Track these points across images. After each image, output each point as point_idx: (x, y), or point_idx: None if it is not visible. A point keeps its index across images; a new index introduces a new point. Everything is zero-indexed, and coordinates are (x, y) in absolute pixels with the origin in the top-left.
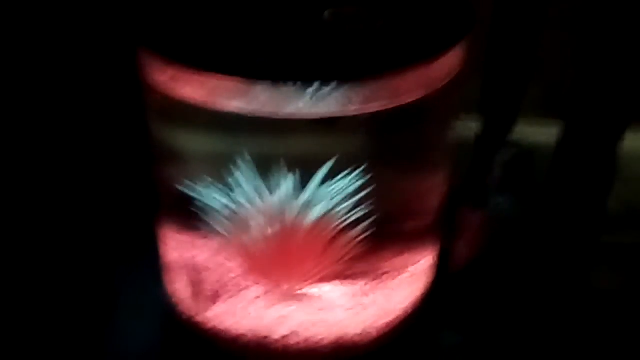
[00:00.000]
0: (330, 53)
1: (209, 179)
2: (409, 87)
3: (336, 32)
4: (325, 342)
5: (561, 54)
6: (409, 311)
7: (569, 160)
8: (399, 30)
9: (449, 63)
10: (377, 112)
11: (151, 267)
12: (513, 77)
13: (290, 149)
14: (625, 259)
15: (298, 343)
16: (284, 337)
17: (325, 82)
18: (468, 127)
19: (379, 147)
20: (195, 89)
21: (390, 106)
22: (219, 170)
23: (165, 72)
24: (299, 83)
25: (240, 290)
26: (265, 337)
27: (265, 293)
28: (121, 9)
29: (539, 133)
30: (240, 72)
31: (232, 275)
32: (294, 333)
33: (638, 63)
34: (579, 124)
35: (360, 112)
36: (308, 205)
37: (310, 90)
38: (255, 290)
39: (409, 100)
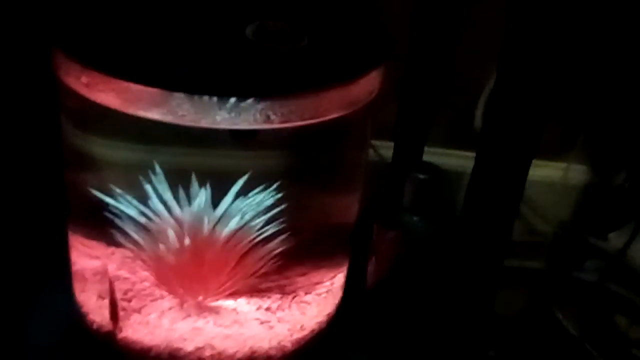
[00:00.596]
0: (251, 68)
1: (122, 188)
2: (327, 107)
3: (258, 47)
4: (239, 355)
5: (471, 84)
6: (322, 327)
7: (480, 188)
8: (320, 50)
9: (366, 86)
10: (294, 129)
11: (60, 275)
12: (425, 104)
13: (206, 161)
14: (531, 283)
15: (212, 356)
16: (197, 349)
17: (243, 96)
18: (382, 150)
19: (294, 165)
20: (112, 95)
21: (307, 124)
22: (133, 179)
23: (81, 75)
24: (216, 96)
25: (153, 301)
26: (178, 350)
27: (178, 305)
28: (41, 7)
29: (450, 158)
30: (159, 82)
31: (145, 285)
32: (207, 346)
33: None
34: (490, 153)
35: (278, 128)
36: (222, 218)
37: (229, 104)
38: (168, 301)
39: (326, 118)
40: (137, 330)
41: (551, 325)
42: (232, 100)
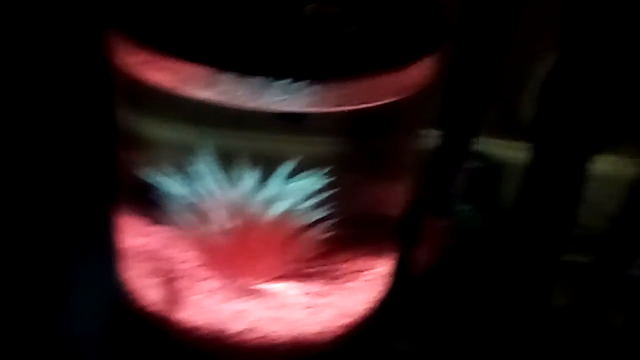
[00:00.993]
0: (305, 50)
1: (172, 168)
2: (380, 91)
3: (314, 30)
4: (282, 339)
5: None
6: (366, 314)
7: (538, 180)
8: (376, 34)
9: (420, 72)
10: (346, 113)
11: (105, 253)
12: (477, 92)
13: (257, 143)
14: (580, 278)
15: (254, 339)
16: (240, 332)
17: (296, 78)
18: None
19: (345, 150)
20: (165, 75)
21: (359, 108)
22: (182, 159)
23: (135, 55)
24: (269, 77)
25: (199, 282)
26: (221, 332)
27: (222, 286)
28: None
29: (506, 149)
30: (211, 61)
31: (189, 266)
32: (250, 329)
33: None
34: (548, 145)
35: (330, 111)
36: (270, 201)
37: (281, 85)
38: (212, 283)
39: (379, 104)
40: (182, 308)
41: (599, 321)
42: (285, 82)
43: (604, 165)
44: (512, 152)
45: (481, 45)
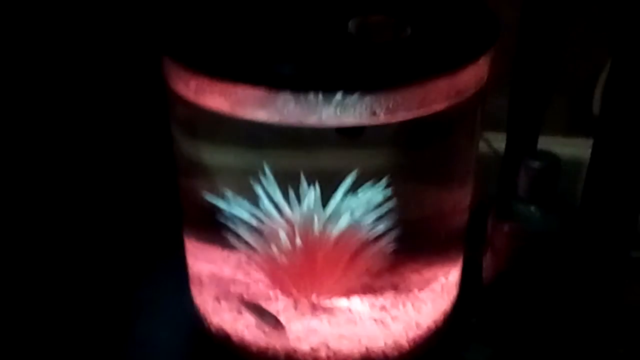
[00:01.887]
0: (355, 63)
1: (233, 191)
2: (434, 97)
3: (361, 41)
4: (355, 355)
5: (588, 68)
6: (439, 324)
7: (601, 176)
8: (424, 40)
9: (473, 74)
10: (402, 122)
11: (178, 278)
12: (537, 90)
13: (314, 161)
14: None
15: (328, 356)
16: (312, 349)
17: (349, 91)
18: (496, 143)
19: (403, 160)
20: (220, 99)
21: (415, 116)
22: (243, 181)
23: (189, 81)
24: (323, 92)
25: (267, 302)
26: (294, 350)
27: (292, 305)
28: (145, 17)
29: (566, 146)
30: (265, 81)
31: (259, 286)
32: (322, 345)
33: None
34: (610, 140)
35: (385, 122)
36: (332, 217)
37: (334, 100)
38: (282, 302)
39: (434, 110)
40: (253, 332)
41: None
42: (338, 95)
43: None
44: (579, 149)
45: (541, 42)
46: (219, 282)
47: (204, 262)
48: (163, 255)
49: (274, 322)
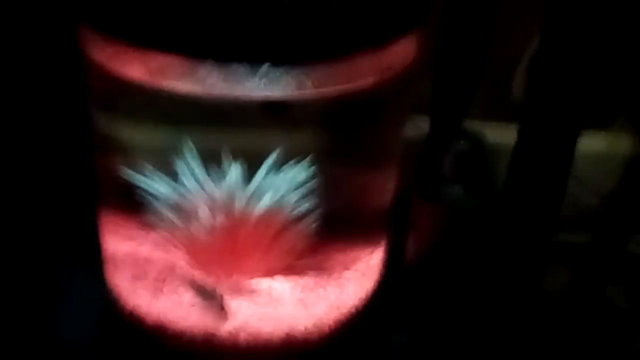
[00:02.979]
0: (282, 34)
1: (153, 168)
2: (361, 73)
3: (289, 12)
4: (275, 337)
5: (508, 53)
6: (361, 306)
7: (526, 159)
8: (353, 14)
9: (402, 51)
10: (328, 99)
11: (91, 258)
12: (463, 73)
13: (238, 137)
14: (574, 259)
15: (247, 338)
16: (231, 333)
17: (274, 62)
18: (420, 125)
19: (328, 138)
20: (138, 67)
21: (342, 92)
22: (163, 158)
23: (106, 48)
24: (247, 63)
25: (184, 284)
26: (212, 332)
27: (213, 285)
28: None
29: (498, 130)
30: (186, 50)
31: (175, 267)
32: (242, 328)
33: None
34: (535, 124)
35: (312, 96)
36: (255, 195)
37: (260, 71)
38: (203, 281)
39: (361, 85)
40: (171, 313)
41: (601, 301)
42: (264, 67)
43: (599, 142)
44: (505, 133)
45: (467, 25)
46: (137, 262)
47: (121, 241)
48: (74, 235)
49: (219, 308)
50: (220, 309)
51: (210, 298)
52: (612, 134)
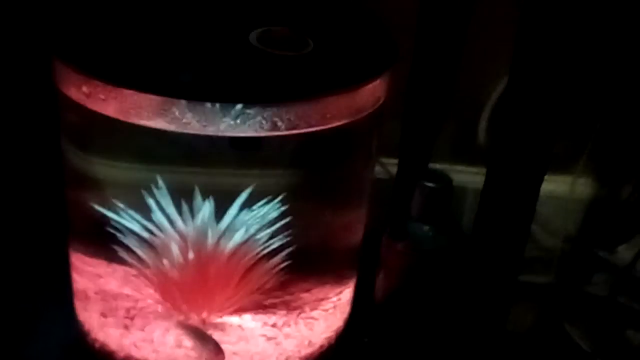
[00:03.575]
0: (255, 74)
1: (125, 203)
2: (333, 113)
3: (262, 54)
4: None
5: (474, 98)
6: (331, 342)
7: (492, 202)
8: (325, 56)
9: (372, 92)
10: (299, 139)
11: (61, 293)
12: (430, 115)
13: (209, 175)
14: (541, 298)
15: None
16: None
17: (247, 102)
18: (390, 167)
19: (299, 177)
20: (113, 105)
21: (313, 132)
22: (134, 194)
23: (81, 86)
24: (219, 103)
25: (156, 319)
26: None
27: (181, 322)
28: (36, 16)
29: (465, 173)
30: (160, 90)
31: (148, 302)
32: None
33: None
34: (501, 167)
35: (283, 136)
36: (226, 232)
37: (233, 110)
38: (170, 319)
39: (332, 127)
40: (141, 348)
41: (562, 340)
42: (237, 107)
43: (559, 185)
44: (471, 176)
45: (433, 68)
46: (106, 297)
47: (90, 276)
48: (44, 270)
49: (215, 349)
50: (217, 350)
51: (205, 339)
52: (573, 177)
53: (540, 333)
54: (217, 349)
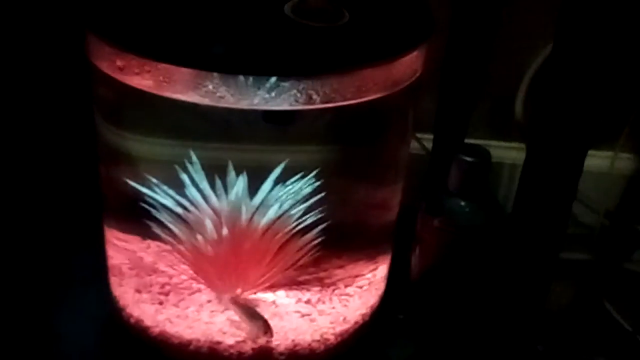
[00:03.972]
0: (290, 46)
1: (158, 179)
2: (368, 87)
3: (298, 25)
4: (281, 348)
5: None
6: (365, 319)
7: (533, 178)
8: (361, 28)
9: (408, 65)
10: (335, 113)
11: (96, 270)
12: (466, 90)
13: (244, 150)
14: (580, 275)
15: (253, 349)
16: (237, 342)
17: (281, 75)
18: (427, 143)
19: (334, 152)
20: (147, 79)
21: (348, 105)
22: (168, 169)
23: (115, 60)
24: (254, 76)
25: (191, 294)
26: (218, 343)
27: (216, 298)
28: None
29: (502, 149)
30: (194, 63)
31: (182, 278)
32: (246, 340)
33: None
34: (541, 142)
35: (318, 110)
36: (260, 207)
37: (268, 83)
38: (206, 294)
39: (367, 100)
40: (175, 324)
41: (601, 317)
42: (271, 80)
43: (600, 160)
44: (507, 151)
45: (470, 41)
46: (141, 273)
47: (125, 252)
48: (79, 247)
49: (264, 327)
50: (265, 328)
51: (255, 317)
52: (613, 153)
53: (580, 311)
54: (266, 327)
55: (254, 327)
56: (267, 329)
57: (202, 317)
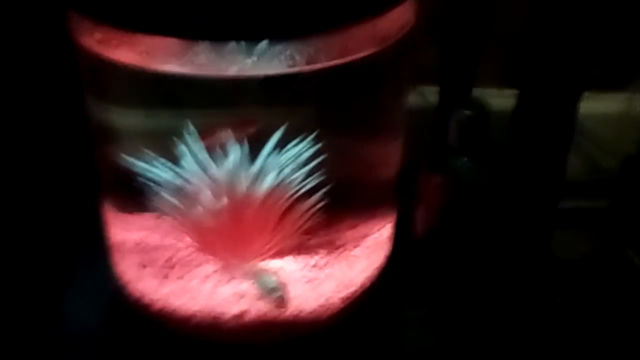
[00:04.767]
0: (274, 9)
1: (152, 153)
2: (359, 43)
3: None
4: (284, 316)
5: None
6: (370, 282)
7: (526, 124)
8: None
9: (398, 18)
10: (327, 73)
11: (97, 247)
12: (469, 42)
13: (239, 117)
14: (588, 224)
15: (256, 318)
16: (241, 312)
17: (272, 39)
18: (426, 95)
19: (330, 113)
20: (130, 51)
21: (339, 64)
22: (162, 143)
23: (95, 33)
24: (237, 41)
25: (192, 268)
26: (221, 314)
27: (219, 270)
28: None
29: (500, 97)
30: (181, 32)
31: (183, 252)
32: (251, 308)
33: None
34: (535, 87)
35: (309, 71)
36: (259, 175)
37: (252, 48)
38: (208, 267)
39: (359, 56)
40: (176, 299)
41: (624, 267)
42: (261, 44)
43: (616, 102)
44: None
45: None
46: (142, 249)
47: (125, 228)
48: (79, 224)
49: (281, 297)
50: (282, 298)
51: (272, 288)
52: (630, 94)
53: (602, 260)
54: (281, 300)
55: (270, 298)
56: (281, 303)
57: (205, 289)
